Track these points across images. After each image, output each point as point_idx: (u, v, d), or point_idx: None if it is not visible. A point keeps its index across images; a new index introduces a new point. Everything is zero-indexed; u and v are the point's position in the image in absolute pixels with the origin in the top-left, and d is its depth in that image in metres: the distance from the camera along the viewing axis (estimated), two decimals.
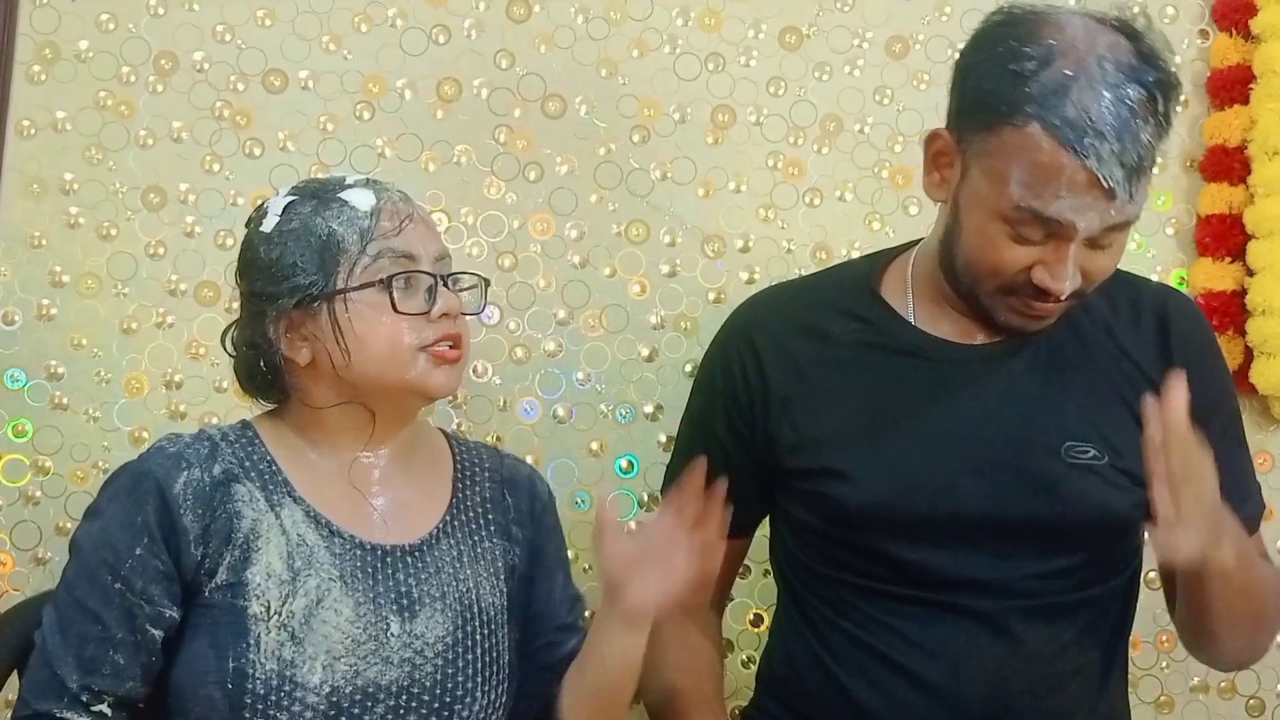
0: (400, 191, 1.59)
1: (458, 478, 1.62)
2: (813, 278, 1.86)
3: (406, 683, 1.49)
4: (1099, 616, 1.65)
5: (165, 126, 2.11)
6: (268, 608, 1.46)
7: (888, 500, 1.60)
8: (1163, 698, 2.18)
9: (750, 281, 2.15)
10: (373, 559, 1.52)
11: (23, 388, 2.09)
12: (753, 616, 2.14)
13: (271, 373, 1.56)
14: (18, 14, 2.09)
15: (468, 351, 1.58)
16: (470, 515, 1.60)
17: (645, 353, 2.16)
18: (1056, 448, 1.60)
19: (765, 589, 2.11)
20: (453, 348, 1.53)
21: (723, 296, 2.15)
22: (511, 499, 1.64)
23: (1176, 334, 1.66)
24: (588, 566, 2.09)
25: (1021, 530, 1.59)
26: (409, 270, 1.52)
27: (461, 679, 1.52)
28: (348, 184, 1.56)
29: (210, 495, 1.49)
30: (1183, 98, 1.54)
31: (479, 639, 1.54)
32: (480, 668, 1.53)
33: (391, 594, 1.51)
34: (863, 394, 1.65)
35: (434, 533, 1.57)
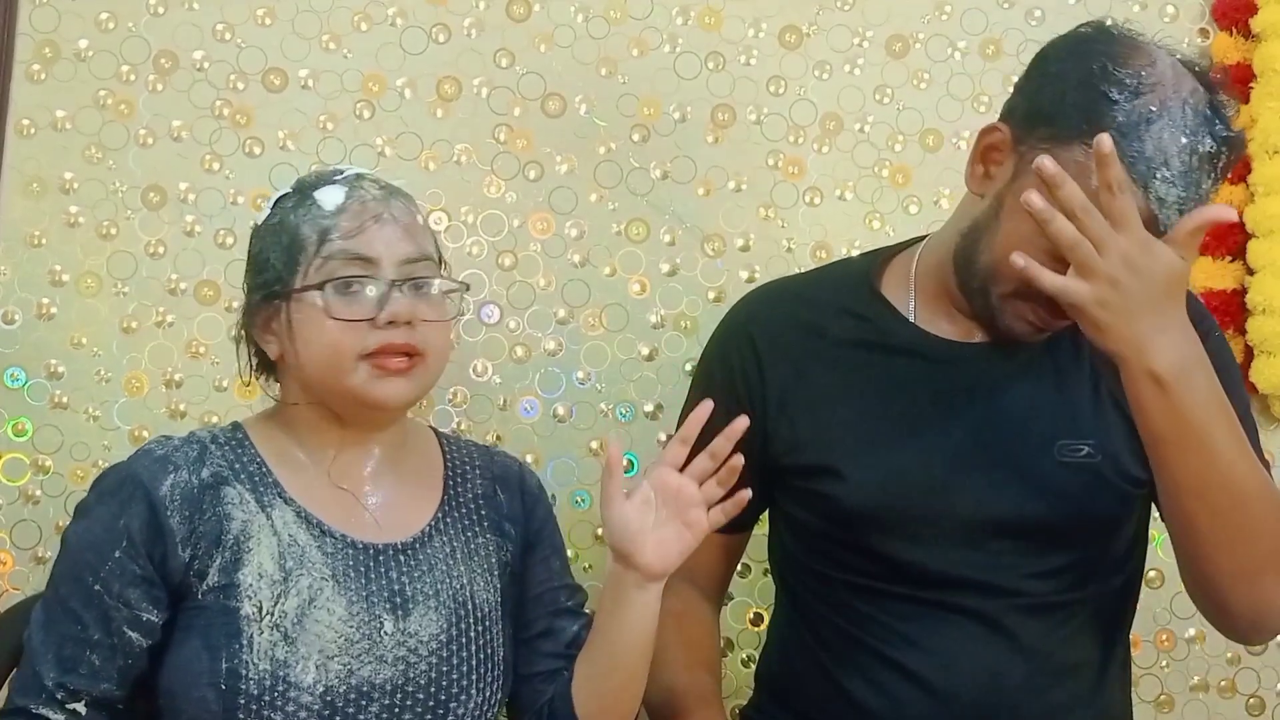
0: (383, 187, 1.55)
1: (449, 475, 1.62)
2: (812, 274, 1.85)
3: (401, 681, 1.48)
4: (1096, 614, 1.65)
5: (165, 125, 2.11)
6: (260, 608, 1.46)
7: (883, 499, 1.60)
8: (1163, 696, 2.18)
9: (750, 281, 2.14)
10: (365, 558, 1.51)
11: (23, 387, 2.09)
12: (753, 615, 2.14)
13: (263, 365, 1.59)
14: (17, 13, 2.09)
15: (435, 362, 1.52)
16: (463, 512, 1.60)
17: (645, 352, 2.15)
18: (1050, 446, 1.60)
19: (765, 588, 2.11)
20: (406, 356, 1.49)
21: (723, 296, 2.14)
22: (504, 495, 1.63)
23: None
24: (588, 566, 2.09)
25: (1016, 529, 1.59)
26: (358, 275, 1.49)
27: (456, 676, 1.51)
28: (334, 179, 1.55)
29: (198, 498, 1.49)
30: None
31: (473, 636, 1.53)
32: (475, 664, 1.53)
33: (384, 592, 1.50)
34: (860, 392, 1.64)
35: (426, 530, 1.56)
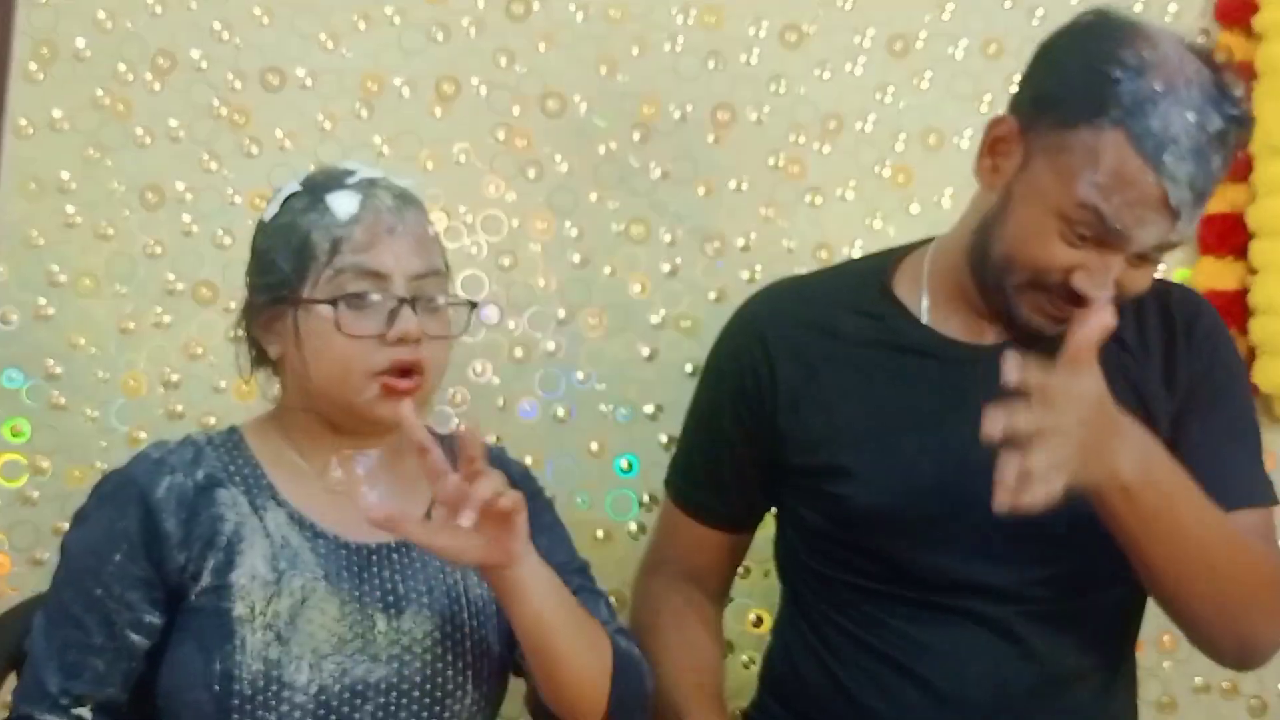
0: (397, 196, 1.53)
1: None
2: (823, 274, 1.84)
3: (395, 680, 1.48)
4: (1105, 621, 1.63)
5: (163, 125, 2.11)
6: (252, 609, 1.46)
7: (892, 501, 1.59)
8: (1165, 698, 2.18)
9: (751, 280, 2.14)
10: (357, 558, 1.51)
11: (20, 388, 2.08)
12: (754, 617, 2.14)
13: (258, 362, 1.58)
14: (15, 13, 2.09)
15: (434, 378, 1.52)
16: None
17: (645, 353, 2.15)
18: None
19: (765, 589, 2.11)
20: (410, 375, 1.48)
21: (723, 296, 2.14)
22: None
23: (1179, 320, 1.65)
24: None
25: (1026, 534, 1.58)
26: (370, 291, 1.47)
27: (451, 673, 1.51)
28: (346, 182, 1.52)
29: (193, 500, 1.49)
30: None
31: (467, 633, 1.53)
32: (470, 661, 1.52)
33: (377, 592, 1.50)
34: (871, 393, 1.63)
35: None
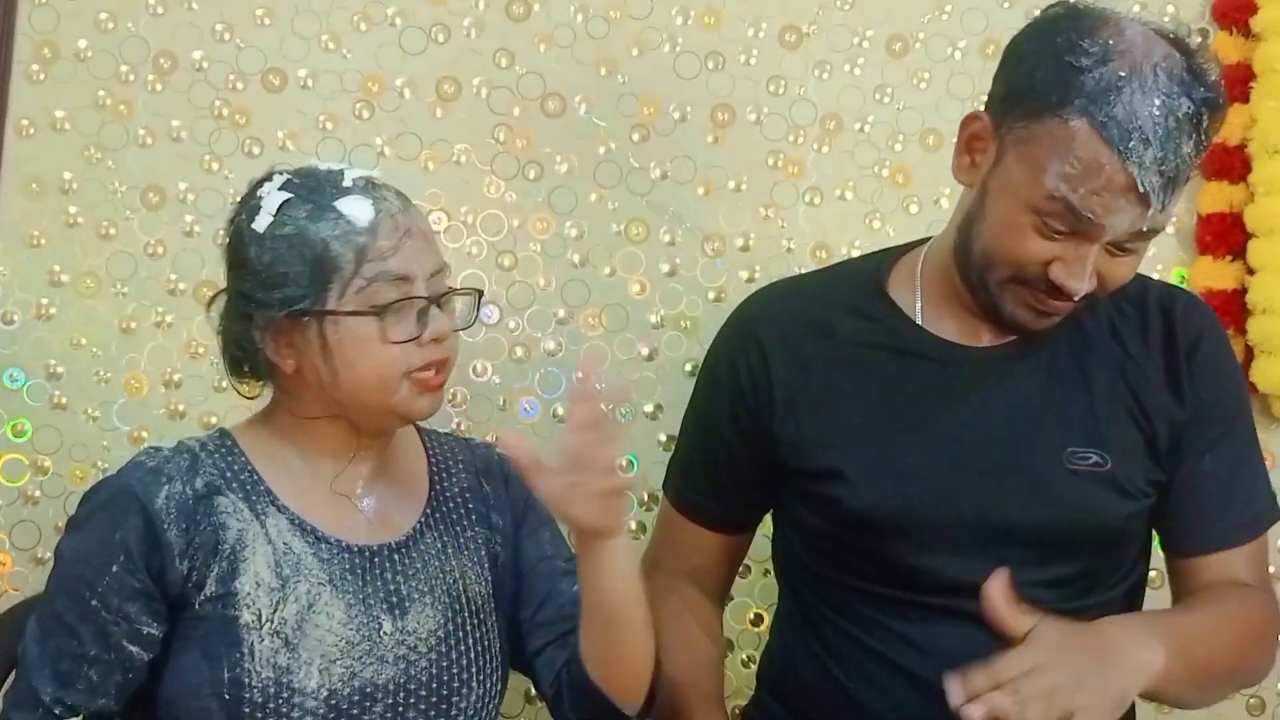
0: (399, 198, 1.52)
1: (433, 471, 1.62)
2: (820, 274, 1.84)
3: (403, 680, 1.49)
4: None
5: (164, 126, 2.11)
6: (259, 616, 1.46)
7: (888, 503, 1.59)
8: None
9: (750, 280, 2.14)
10: (360, 561, 1.51)
11: (22, 387, 2.09)
12: (753, 616, 2.14)
13: (256, 375, 1.55)
14: (16, 13, 2.09)
15: (451, 368, 1.54)
16: (449, 507, 1.60)
17: (645, 352, 2.15)
18: (1058, 453, 1.59)
19: (765, 589, 2.11)
20: (437, 373, 1.50)
21: (723, 296, 2.14)
22: (489, 486, 1.63)
23: (1181, 339, 1.64)
24: None
25: (1024, 536, 1.58)
26: (404, 297, 1.47)
27: (457, 670, 1.52)
28: (345, 186, 1.50)
29: (193, 509, 1.48)
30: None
31: (470, 629, 1.54)
32: (474, 657, 1.53)
33: (381, 593, 1.51)
34: (867, 395, 1.64)
35: (416, 528, 1.57)
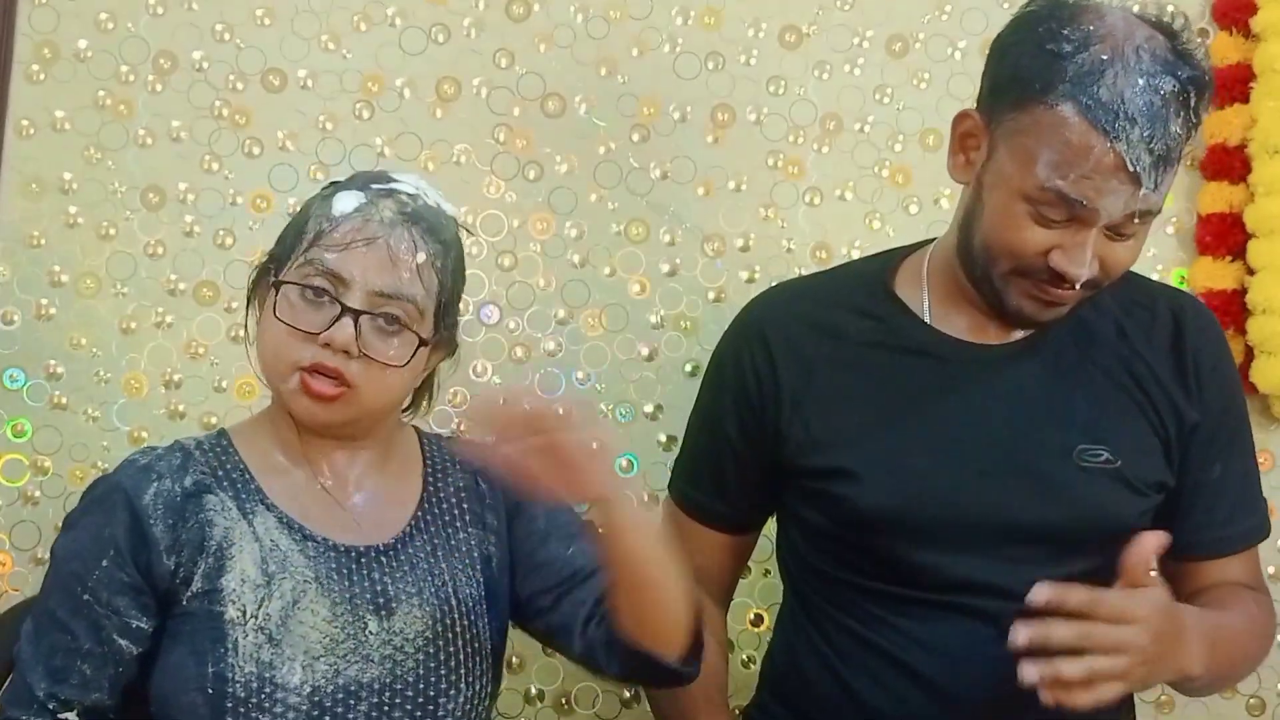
0: (400, 212, 1.50)
1: (428, 473, 1.62)
2: (826, 274, 1.84)
3: (389, 679, 1.49)
4: None
5: (164, 126, 2.11)
6: (244, 611, 1.46)
7: (896, 502, 1.59)
8: (1163, 697, 2.18)
9: (750, 281, 2.14)
10: (347, 560, 1.52)
11: (22, 388, 2.09)
12: (753, 616, 2.14)
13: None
14: (16, 13, 2.09)
15: (368, 397, 1.49)
16: (442, 509, 1.60)
17: (645, 352, 2.15)
18: (1069, 451, 1.59)
19: (765, 589, 2.11)
20: (335, 383, 1.46)
21: (723, 296, 2.14)
22: (485, 484, 1.63)
23: (1191, 342, 1.65)
24: None
25: (1031, 534, 1.58)
26: (312, 286, 1.47)
27: (444, 672, 1.52)
28: (371, 186, 1.53)
29: (181, 505, 1.49)
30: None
31: (458, 631, 1.54)
32: (463, 659, 1.53)
33: (367, 594, 1.51)
34: (874, 394, 1.64)
35: (406, 530, 1.57)
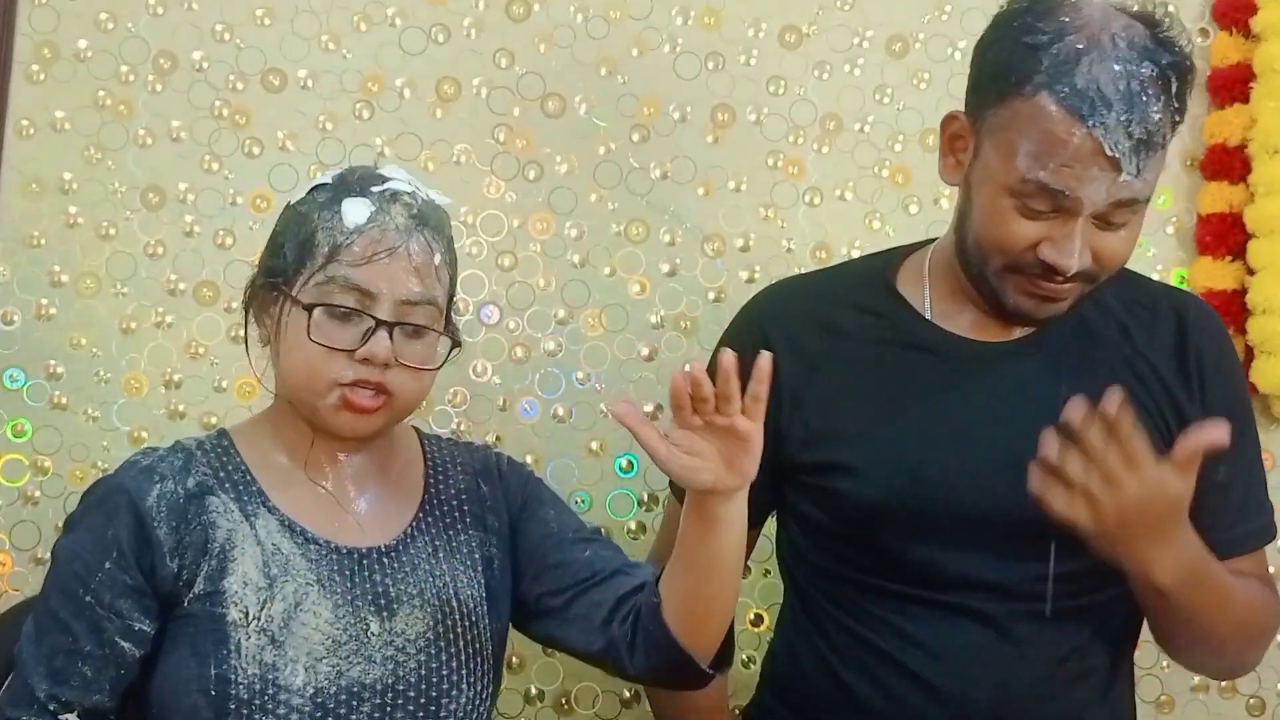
0: (412, 216, 1.51)
1: (429, 474, 1.62)
2: (828, 272, 1.85)
3: (391, 680, 1.49)
4: (1106, 622, 1.63)
5: (164, 126, 2.11)
6: (246, 613, 1.47)
7: (896, 497, 1.60)
8: (1163, 697, 2.18)
9: (750, 281, 2.14)
10: (349, 562, 1.52)
11: (22, 388, 2.09)
12: (753, 616, 2.14)
13: (263, 344, 1.57)
14: (16, 13, 2.09)
15: (404, 404, 1.51)
16: (444, 510, 1.60)
17: (645, 352, 2.15)
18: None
19: (765, 589, 2.11)
20: (375, 394, 1.48)
21: (723, 296, 2.14)
22: (486, 487, 1.63)
23: (1194, 341, 1.64)
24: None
25: (1029, 531, 1.58)
26: (351, 307, 1.47)
27: (446, 673, 1.52)
28: (371, 190, 1.51)
29: (184, 507, 1.49)
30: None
31: (459, 632, 1.54)
32: (464, 660, 1.53)
33: (369, 595, 1.51)
34: (875, 389, 1.64)
35: (408, 531, 1.57)
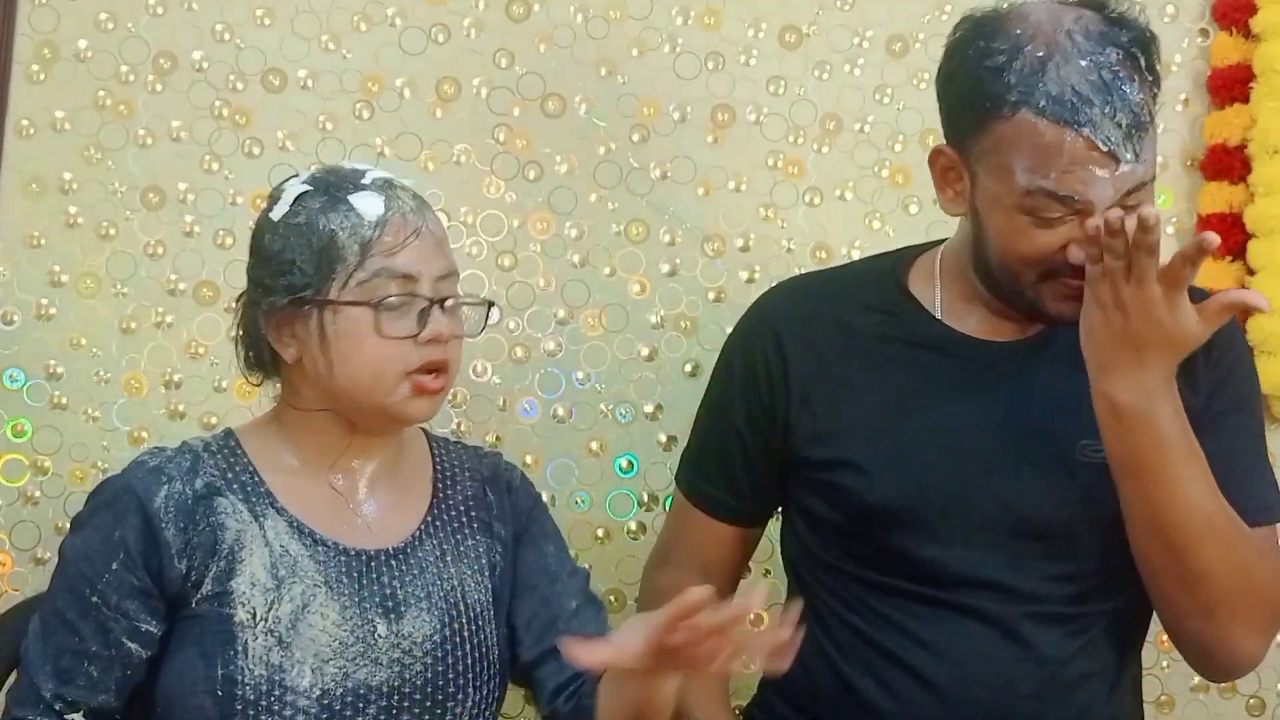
0: (414, 198, 1.55)
1: (438, 478, 1.62)
2: (834, 271, 1.86)
3: (397, 683, 1.50)
4: (1112, 625, 1.63)
5: (164, 126, 2.11)
6: (254, 614, 1.47)
7: (902, 495, 1.60)
8: (1163, 697, 2.18)
9: (750, 281, 2.14)
10: (357, 564, 1.52)
11: (22, 388, 2.08)
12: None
13: (261, 364, 1.57)
14: (16, 13, 2.09)
15: (455, 375, 1.55)
16: (452, 515, 1.60)
17: (645, 352, 2.15)
18: (1074, 446, 1.59)
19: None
20: (437, 376, 1.51)
21: (723, 296, 2.14)
22: (493, 495, 1.63)
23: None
24: (589, 566, 2.08)
25: (1038, 529, 1.58)
26: (403, 294, 1.49)
27: (452, 676, 1.52)
28: (363, 183, 1.53)
29: (192, 509, 1.49)
30: (1173, 65, 1.55)
31: (467, 636, 1.54)
32: (470, 664, 1.54)
33: (376, 597, 1.51)
34: (883, 387, 1.64)
35: (416, 534, 1.57)
